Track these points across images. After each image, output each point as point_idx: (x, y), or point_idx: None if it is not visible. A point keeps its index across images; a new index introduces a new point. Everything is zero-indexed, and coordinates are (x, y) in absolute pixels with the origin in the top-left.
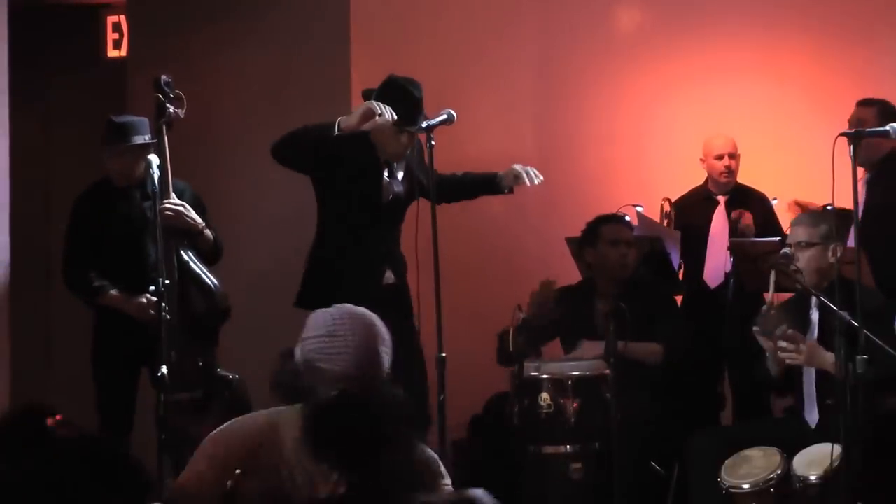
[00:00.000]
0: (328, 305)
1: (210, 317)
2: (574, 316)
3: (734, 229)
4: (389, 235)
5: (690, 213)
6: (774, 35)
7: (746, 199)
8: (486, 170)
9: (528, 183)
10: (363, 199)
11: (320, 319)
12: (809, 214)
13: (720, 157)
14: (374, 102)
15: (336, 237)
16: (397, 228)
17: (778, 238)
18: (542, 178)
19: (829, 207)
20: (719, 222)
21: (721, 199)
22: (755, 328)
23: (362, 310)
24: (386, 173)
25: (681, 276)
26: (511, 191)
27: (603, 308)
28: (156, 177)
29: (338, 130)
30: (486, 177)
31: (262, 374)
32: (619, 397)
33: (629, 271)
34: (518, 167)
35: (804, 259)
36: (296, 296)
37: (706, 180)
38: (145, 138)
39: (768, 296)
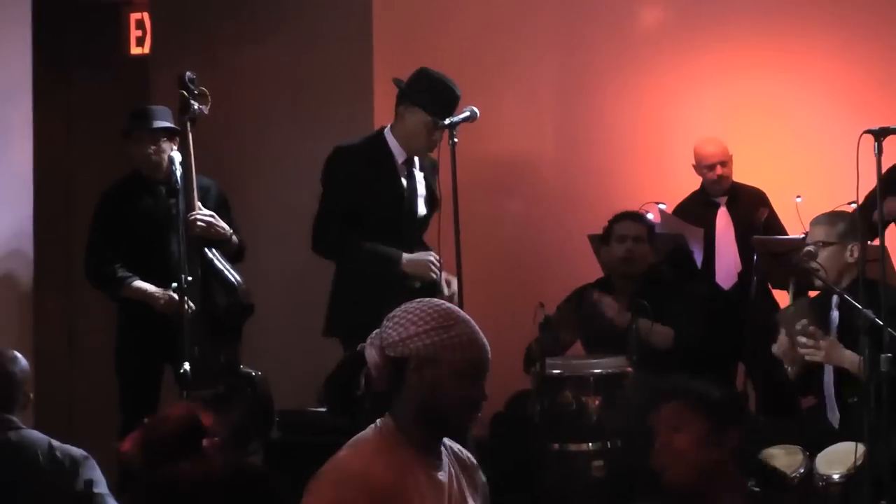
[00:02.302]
0: (360, 331)
1: (233, 313)
2: (593, 315)
3: (754, 229)
4: (416, 248)
5: (692, 218)
6: (798, 30)
7: (742, 197)
8: (507, 165)
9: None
10: (385, 219)
11: (422, 313)
12: (828, 214)
13: (711, 168)
14: (434, 263)
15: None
16: (420, 240)
17: (802, 235)
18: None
19: (852, 205)
20: (723, 224)
21: (721, 200)
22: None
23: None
24: (405, 182)
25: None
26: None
27: (622, 306)
28: (178, 173)
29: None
30: None
31: (285, 370)
32: None
33: (634, 267)
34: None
35: (822, 258)
36: (325, 326)
37: (702, 184)
38: (167, 123)
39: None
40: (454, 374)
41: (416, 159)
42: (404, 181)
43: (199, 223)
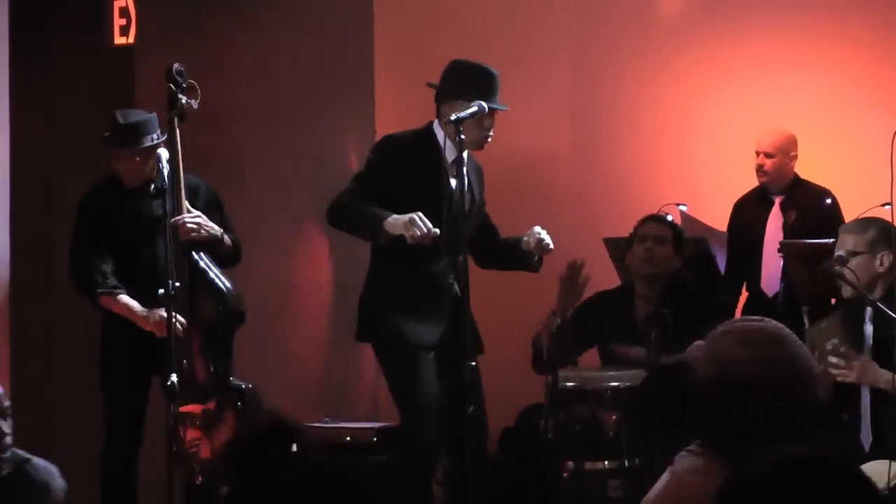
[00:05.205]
0: (395, 339)
1: (223, 321)
2: (612, 322)
3: (787, 232)
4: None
5: (746, 214)
6: (828, 24)
7: (800, 197)
8: (519, 166)
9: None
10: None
11: (773, 337)
12: (858, 221)
13: (757, 155)
14: (417, 218)
15: (399, 261)
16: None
17: (832, 239)
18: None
19: (886, 207)
20: (774, 224)
21: (777, 199)
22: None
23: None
24: (453, 182)
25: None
26: (538, 265)
27: (642, 314)
28: (165, 172)
29: (382, 238)
30: (515, 241)
31: (278, 382)
32: None
33: (654, 269)
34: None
35: (852, 268)
36: (357, 329)
37: None
38: (154, 137)
39: None
40: (805, 406)
41: (466, 158)
42: (453, 181)
43: (188, 226)
